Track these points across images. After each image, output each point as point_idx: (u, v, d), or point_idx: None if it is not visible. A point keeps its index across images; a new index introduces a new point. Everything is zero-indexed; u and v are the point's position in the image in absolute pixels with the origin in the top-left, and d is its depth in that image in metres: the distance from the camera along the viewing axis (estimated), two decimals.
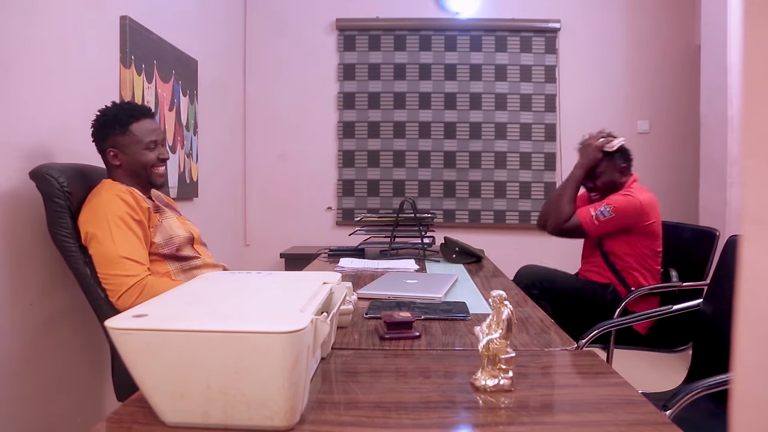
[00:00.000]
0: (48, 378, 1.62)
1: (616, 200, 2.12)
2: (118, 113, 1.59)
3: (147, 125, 1.61)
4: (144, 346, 0.64)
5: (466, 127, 3.86)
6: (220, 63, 3.36)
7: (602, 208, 2.11)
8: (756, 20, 0.30)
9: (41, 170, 1.47)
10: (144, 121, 1.60)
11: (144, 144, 1.59)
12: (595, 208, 2.13)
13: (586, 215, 2.13)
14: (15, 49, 1.51)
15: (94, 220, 1.46)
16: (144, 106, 1.69)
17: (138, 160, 1.60)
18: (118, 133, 1.57)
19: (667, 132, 3.83)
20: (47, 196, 1.47)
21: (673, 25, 3.80)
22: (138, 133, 1.59)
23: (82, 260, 1.49)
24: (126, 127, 1.57)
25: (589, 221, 2.12)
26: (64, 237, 1.48)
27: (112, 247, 1.43)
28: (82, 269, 1.49)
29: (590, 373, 0.91)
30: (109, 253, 1.44)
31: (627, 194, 2.13)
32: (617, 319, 1.87)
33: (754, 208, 0.31)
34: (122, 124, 1.57)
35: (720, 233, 2.05)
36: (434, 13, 3.88)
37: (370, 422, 0.70)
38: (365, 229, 2.45)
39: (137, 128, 1.59)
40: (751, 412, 0.31)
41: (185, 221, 1.76)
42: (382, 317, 1.10)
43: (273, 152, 3.91)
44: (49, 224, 1.48)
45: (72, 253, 1.48)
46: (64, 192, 1.48)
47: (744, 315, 0.32)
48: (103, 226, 1.45)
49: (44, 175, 1.46)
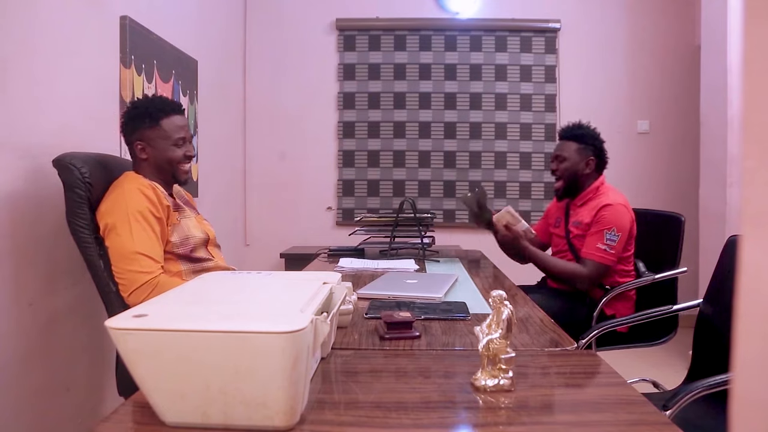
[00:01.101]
0: (48, 378, 1.62)
1: (611, 220, 2.02)
2: (149, 107, 1.59)
3: (177, 121, 1.61)
4: (144, 346, 0.64)
5: (466, 127, 3.86)
6: (220, 63, 3.36)
7: (608, 236, 2.00)
8: (756, 20, 0.30)
9: (64, 159, 1.47)
10: (174, 117, 1.60)
11: (172, 140, 1.59)
12: (600, 241, 2.01)
13: (599, 253, 2.00)
14: (15, 49, 1.51)
15: (114, 212, 1.46)
16: (175, 102, 1.69)
17: (165, 155, 1.60)
18: (147, 126, 1.58)
19: (667, 132, 3.83)
20: (68, 185, 1.47)
21: (673, 25, 3.80)
22: (167, 129, 1.59)
23: (97, 252, 1.48)
24: (156, 122, 1.57)
25: (606, 256, 2.00)
26: (81, 228, 1.47)
27: (130, 242, 1.43)
28: (96, 261, 1.48)
29: (590, 373, 0.91)
30: (126, 247, 1.43)
31: (609, 205, 2.04)
32: (617, 320, 1.87)
33: (754, 208, 0.31)
34: (153, 118, 1.57)
35: (685, 219, 2.04)
36: (434, 13, 3.88)
37: (370, 422, 0.70)
38: (365, 229, 2.45)
39: (167, 123, 1.59)
40: (751, 412, 0.31)
41: (202, 221, 1.76)
42: (382, 317, 1.10)
43: (273, 152, 3.91)
44: (68, 214, 1.47)
45: (87, 245, 1.48)
46: (85, 182, 1.47)
47: (744, 315, 0.32)
48: (123, 220, 1.44)
49: (67, 164, 1.46)
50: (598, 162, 2.19)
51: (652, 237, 2.18)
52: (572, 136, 2.19)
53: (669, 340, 2.03)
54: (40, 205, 1.56)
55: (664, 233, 2.12)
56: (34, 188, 1.55)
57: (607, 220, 2.02)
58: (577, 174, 2.16)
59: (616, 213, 2.03)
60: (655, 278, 2.02)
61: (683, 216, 2.05)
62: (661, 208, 2.27)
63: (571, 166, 2.16)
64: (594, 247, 2.02)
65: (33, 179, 1.55)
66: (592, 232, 2.06)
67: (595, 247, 2.02)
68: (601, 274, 2.03)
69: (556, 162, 2.20)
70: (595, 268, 2.01)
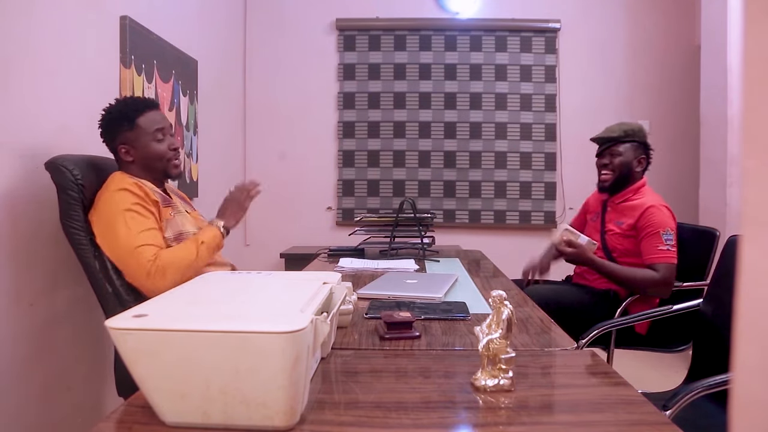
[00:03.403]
0: (49, 378, 1.62)
1: (661, 220, 2.02)
2: (123, 109, 1.58)
3: (153, 117, 1.60)
4: (144, 346, 0.64)
5: (466, 127, 3.86)
6: (220, 63, 3.36)
7: (665, 237, 1.99)
8: (756, 20, 0.30)
9: (56, 161, 1.47)
10: (149, 113, 1.60)
11: (151, 135, 1.59)
12: (660, 243, 1.99)
13: (663, 254, 1.99)
14: (15, 49, 1.51)
15: (105, 217, 1.46)
16: (148, 99, 1.68)
17: (149, 152, 1.59)
18: (126, 128, 1.57)
19: (667, 132, 3.83)
20: (61, 187, 1.47)
21: (673, 25, 3.80)
22: (145, 126, 1.58)
23: (92, 253, 1.48)
24: (133, 122, 1.57)
25: (671, 255, 1.99)
26: (76, 230, 1.47)
27: (126, 240, 1.43)
28: (92, 263, 1.48)
29: (590, 373, 0.91)
30: (124, 246, 1.43)
31: (653, 207, 2.05)
32: (617, 320, 1.87)
33: (754, 208, 0.31)
34: (129, 119, 1.57)
35: (720, 233, 2.04)
36: (434, 13, 3.88)
37: (370, 422, 0.70)
38: (365, 229, 2.45)
39: (144, 121, 1.58)
40: (751, 412, 0.31)
41: (198, 217, 1.76)
42: (382, 317, 1.10)
43: (273, 152, 3.91)
44: (62, 216, 1.48)
45: (83, 246, 1.48)
46: (77, 184, 1.47)
47: (744, 315, 0.32)
48: (116, 221, 1.44)
49: (59, 166, 1.46)
50: (647, 161, 2.20)
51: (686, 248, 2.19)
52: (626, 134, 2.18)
53: (686, 350, 2.02)
54: (41, 205, 1.56)
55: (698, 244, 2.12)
56: (35, 188, 1.55)
57: (658, 222, 2.02)
58: (630, 170, 2.17)
59: (662, 214, 2.04)
60: (683, 286, 2.02)
61: (718, 231, 2.05)
62: None
63: (625, 162, 2.16)
64: (656, 250, 2.00)
65: (33, 179, 1.55)
66: (647, 236, 2.04)
67: (657, 249, 2.00)
68: (673, 274, 2.00)
69: (609, 156, 2.19)
70: (667, 270, 1.98)
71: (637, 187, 2.17)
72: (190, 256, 1.51)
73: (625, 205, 2.16)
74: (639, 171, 2.19)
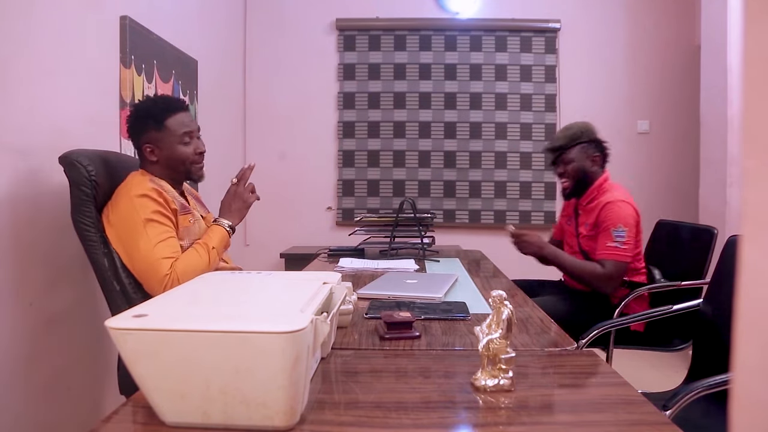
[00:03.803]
0: (48, 378, 1.62)
1: (613, 217, 2.01)
2: (152, 108, 1.56)
3: (182, 119, 1.58)
4: (144, 346, 0.64)
5: (466, 127, 3.86)
6: (220, 63, 3.36)
7: (615, 233, 1.99)
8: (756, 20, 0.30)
9: (70, 156, 1.46)
10: (178, 115, 1.58)
11: (178, 137, 1.57)
12: (609, 240, 2.00)
13: (611, 251, 1.98)
14: (15, 49, 1.51)
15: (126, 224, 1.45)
16: (178, 99, 1.65)
17: (174, 155, 1.57)
18: (153, 128, 1.55)
19: (667, 132, 3.83)
20: (74, 183, 1.45)
21: (673, 25, 3.80)
22: (173, 128, 1.56)
23: (102, 251, 1.47)
24: (162, 123, 1.55)
25: (619, 252, 1.98)
26: (86, 226, 1.46)
27: (148, 251, 1.42)
28: (101, 260, 1.47)
29: (590, 373, 0.91)
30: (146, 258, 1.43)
31: (611, 202, 2.04)
32: (617, 320, 1.87)
33: (754, 208, 0.31)
34: (157, 119, 1.55)
35: (718, 232, 2.04)
36: (434, 13, 3.88)
37: (370, 422, 0.70)
38: (365, 229, 2.45)
39: (172, 123, 1.56)
40: (751, 412, 0.31)
41: (211, 219, 1.75)
42: (382, 317, 1.10)
43: (273, 152, 3.91)
44: (73, 212, 1.46)
45: (92, 243, 1.46)
46: (91, 180, 1.46)
47: (744, 315, 0.32)
48: (137, 230, 1.43)
49: (73, 161, 1.45)
50: (602, 156, 2.18)
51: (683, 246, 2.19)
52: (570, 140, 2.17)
53: (685, 348, 2.02)
54: (41, 205, 1.56)
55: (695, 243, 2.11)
56: (35, 188, 1.55)
57: (610, 218, 2.02)
58: (586, 172, 2.15)
59: (617, 209, 2.02)
60: (681, 285, 2.02)
61: (716, 229, 2.05)
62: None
63: (579, 167, 2.15)
64: (605, 246, 2.01)
65: (33, 179, 1.55)
66: (600, 232, 2.05)
67: (606, 246, 2.01)
68: (620, 271, 2.01)
69: (562, 165, 2.18)
70: (612, 266, 1.99)
71: (599, 185, 2.15)
72: (203, 264, 1.51)
73: (590, 205, 2.16)
74: (596, 169, 2.16)
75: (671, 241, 2.28)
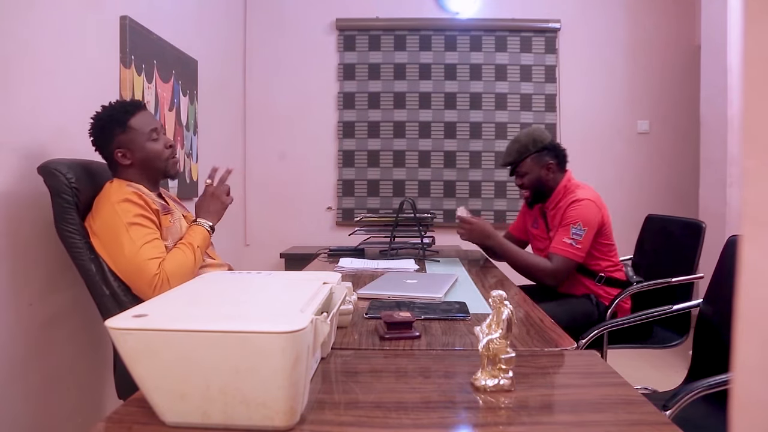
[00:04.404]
0: (48, 378, 1.62)
1: (578, 214, 2.00)
2: (113, 113, 1.57)
3: (143, 117, 1.60)
4: (144, 346, 0.64)
5: (466, 126, 3.86)
6: (220, 63, 3.36)
7: (573, 231, 1.99)
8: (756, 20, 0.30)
9: (49, 166, 1.46)
10: (139, 114, 1.59)
11: (146, 135, 1.58)
12: (566, 235, 2.00)
13: (564, 247, 1.99)
14: (15, 50, 1.51)
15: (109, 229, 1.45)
16: (135, 100, 1.68)
17: (148, 153, 1.58)
18: (119, 132, 1.56)
19: (667, 132, 3.83)
20: (54, 191, 1.46)
21: (673, 25, 3.81)
22: (138, 127, 1.58)
23: (88, 257, 1.47)
24: (125, 124, 1.56)
25: (572, 250, 1.98)
26: (71, 233, 1.47)
27: (133, 254, 1.43)
28: (88, 266, 1.47)
29: (590, 373, 0.91)
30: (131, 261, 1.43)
31: (577, 200, 2.03)
32: (617, 320, 1.87)
33: (754, 208, 0.31)
34: (120, 122, 1.56)
35: (706, 225, 2.03)
36: (434, 13, 3.88)
37: (370, 422, 0.70)
38: (365, 229, 2.45)
39: (135, 122, 1.57)
40: (751, 412, 0.31)
41: (191, 218, 1.76)
42: (382, 317, 1.10)
43: (273, 152, 3.91)
44: (56, 220, 1.47)
45: (78, 250, 1.47)
46: (71, 188, 1.46)
47: (744, 315, 0.32)
48: (119, 233, 1.43)
49: (52, 170, 1.46)
50: (558, 161, 2.17)
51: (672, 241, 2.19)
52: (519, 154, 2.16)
53: (681, 344, 2.03)
54: (40, 205, 1.56)
55: (683, 238, 2.11)
56: (34, 188, 1.55)
57: (573, 216, 2.01)
58: (542, 180, 2.15)
59: (581, 208, 2.02)
60: (672, 281, 2.02)
61: (704, 223, 2.05)
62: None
63: (534, 179, 2.16)
64: (560, 242, 2.01)
65: (33, 179, 1.55)
66: (560, 227, 2.05)
67: (561, 242, 2.00)
68: (567, 268, 2.01)
69: (519, 177, 2.20)
70: (560, 262, 1.99)
71: (563, 187, 2.14)
72: (190, 263, 1.52)
73: (558, 207, 2.14)
74: (552, 176, 2.16)
75: (661, 236, 2.27)
